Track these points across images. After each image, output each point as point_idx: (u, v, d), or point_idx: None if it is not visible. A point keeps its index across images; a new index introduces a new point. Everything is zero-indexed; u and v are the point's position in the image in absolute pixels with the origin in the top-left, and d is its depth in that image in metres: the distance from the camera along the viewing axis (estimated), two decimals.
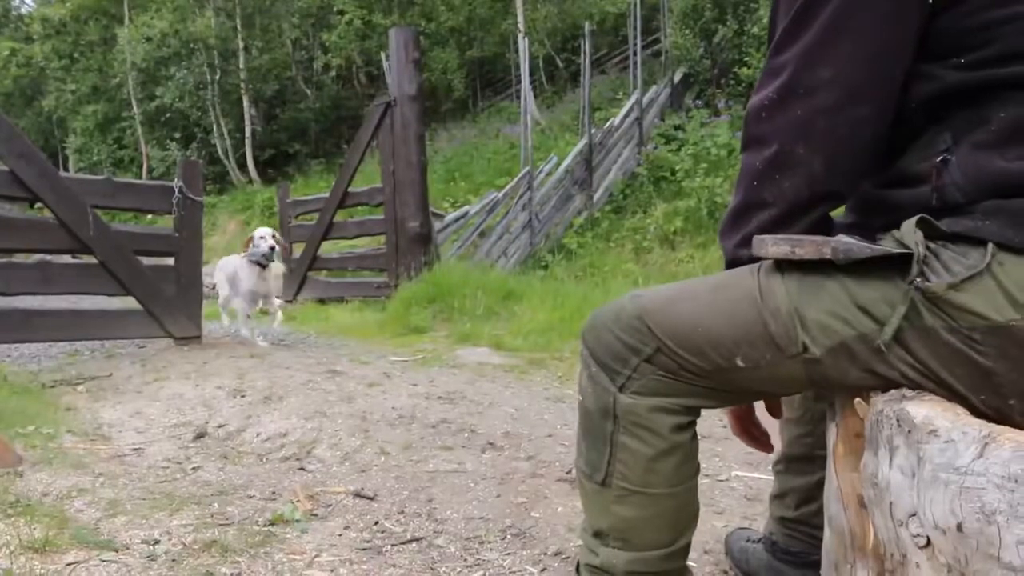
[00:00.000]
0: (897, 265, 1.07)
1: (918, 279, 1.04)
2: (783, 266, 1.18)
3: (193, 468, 2.73)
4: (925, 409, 1.00)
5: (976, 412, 1.03)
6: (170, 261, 5.45)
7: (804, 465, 1.63)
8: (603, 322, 1.31)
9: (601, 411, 1.29)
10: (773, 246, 1.16)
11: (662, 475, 1.27)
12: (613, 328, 1.28)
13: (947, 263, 1.05)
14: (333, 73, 23.23)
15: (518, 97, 16.88)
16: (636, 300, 1.29)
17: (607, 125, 13.61)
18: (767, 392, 1.33)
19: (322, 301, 8.75)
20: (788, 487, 1.69)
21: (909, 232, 1.07)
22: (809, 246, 1.12)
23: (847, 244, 1.08)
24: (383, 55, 10.88)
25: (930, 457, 0.93)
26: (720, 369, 1.21)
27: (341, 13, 21.68)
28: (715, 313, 1.21)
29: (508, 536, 2.10)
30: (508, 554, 1.99)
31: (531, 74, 15.40)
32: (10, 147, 4.67)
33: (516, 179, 12.09)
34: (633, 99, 14.00)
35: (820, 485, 1.43)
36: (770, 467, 1.77)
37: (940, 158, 1.09)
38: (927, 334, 1.06)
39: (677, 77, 15.84)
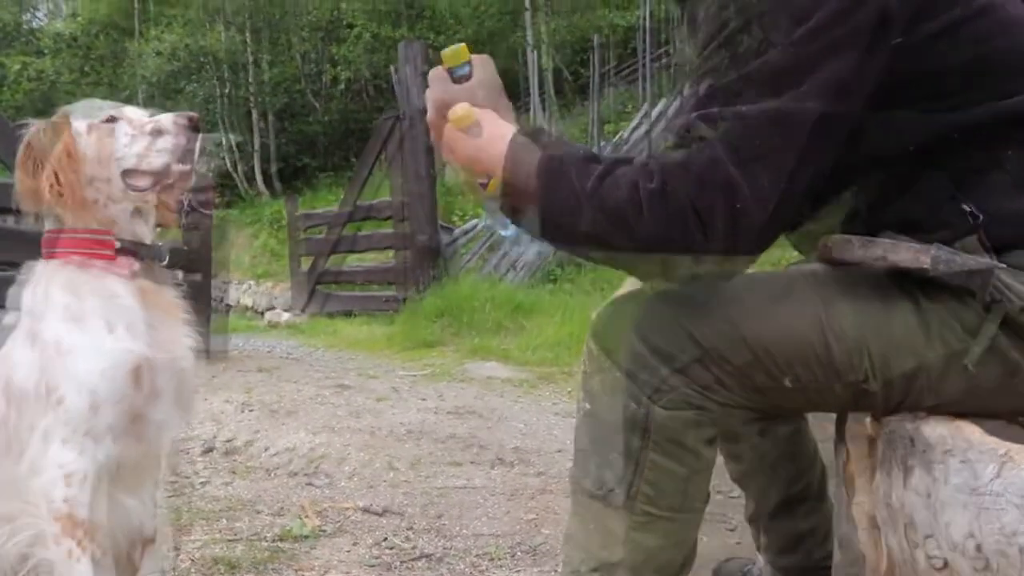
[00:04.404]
0: (964, 282, 1.02)
1: (1000, 298, 1.01)
2: (845, 280, 1.10)
3: (201, 483, 2.72)
4: (940, 429, 0.98)
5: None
6: (178, 274, 5.46)
7: (794, 507, 1.54)
8: (626, 319, 1.12)
9: (627, 423, 1.09)
10: (861, 248, 1.04)
11: (692, 497, 1.12)
12: (641, 327, 1.10)
13: (1005, 281, 1.02)
14: (342, 86, 23.33)
15: (527, 110, 16.92)
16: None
17: (616, 138, 13.61)
18: (794, 409, 1.29)
19: (331, 315, 8.75)
20: (789, 533, 1.55)
21: (976, 247, 1.02)
22: (906, 252, 1.02)
23: (950, 254, 1.01)
24: (392, 68, 10.89)
25: (947, 478, 0.92)
26: (761, 387, 1.09)
27: (351, 27, 21.81)
28: (770, 328, 1.07)
29: (518, 553, 2.09)
30: (517, 571, 1.98)
31: (540, 87, 15.44)
32: None
33: None
34: (642, 112, 14.01)
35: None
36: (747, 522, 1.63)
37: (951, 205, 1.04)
38: (995, 353, 1.03)
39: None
